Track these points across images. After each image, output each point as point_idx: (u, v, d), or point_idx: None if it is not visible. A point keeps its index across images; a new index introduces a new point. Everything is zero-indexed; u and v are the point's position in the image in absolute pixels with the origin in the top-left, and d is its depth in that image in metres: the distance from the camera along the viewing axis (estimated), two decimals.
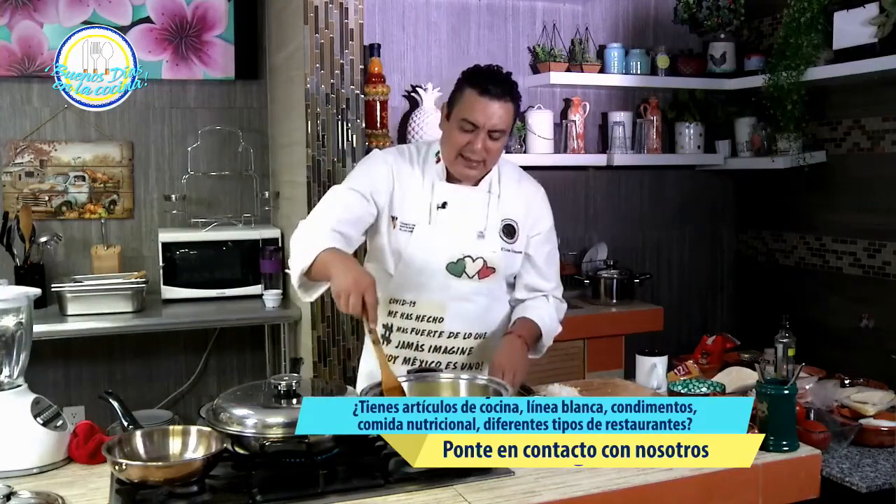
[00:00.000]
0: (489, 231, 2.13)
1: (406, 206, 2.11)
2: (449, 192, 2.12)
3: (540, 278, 2.23)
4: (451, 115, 2.08)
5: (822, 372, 2.70)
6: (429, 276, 2.10)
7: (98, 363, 3.75)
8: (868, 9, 3.24)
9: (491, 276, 2.14)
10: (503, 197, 2.16)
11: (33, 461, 1.70)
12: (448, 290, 2.11)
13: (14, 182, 3.61)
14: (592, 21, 4.09)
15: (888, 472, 2.08)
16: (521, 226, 2.17)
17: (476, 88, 2.01)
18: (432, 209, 2.11)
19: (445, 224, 2.10)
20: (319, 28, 3.10)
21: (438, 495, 1.58)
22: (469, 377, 1.96)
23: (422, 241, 2.09)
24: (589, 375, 3.51)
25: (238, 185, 3.89)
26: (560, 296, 2.30)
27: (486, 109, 2.00)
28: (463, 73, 2.10)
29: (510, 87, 2.04)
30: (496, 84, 2.02)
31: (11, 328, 1.76)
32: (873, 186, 3.58)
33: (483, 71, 2.08)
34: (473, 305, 2.15)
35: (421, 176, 2.13)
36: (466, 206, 2.13)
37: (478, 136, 2.02)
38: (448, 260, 2.10)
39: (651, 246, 4.32)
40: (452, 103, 2.08)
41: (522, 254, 2.19)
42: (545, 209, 2.24)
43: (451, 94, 2.10)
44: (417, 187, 2.12)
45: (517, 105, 2.08)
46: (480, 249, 2.11)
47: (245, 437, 1.62)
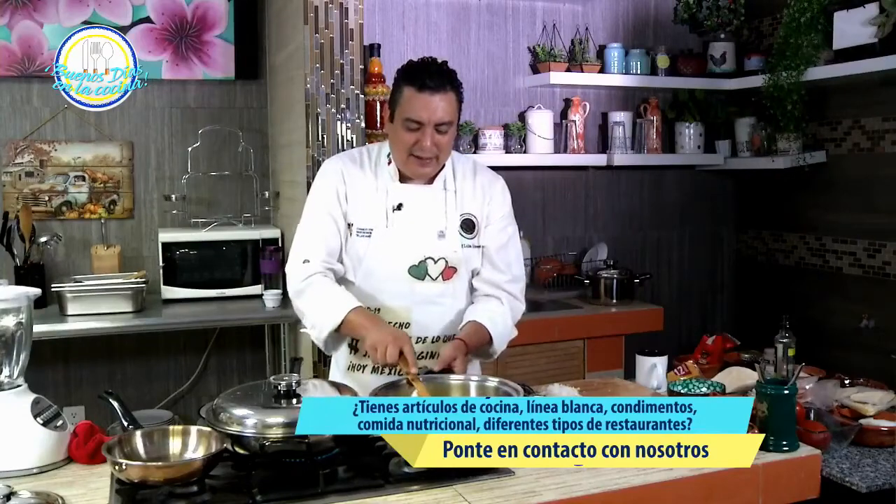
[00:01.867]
0: (449, 229, 2.09)
1: (360, 211, 2.08)
2: (403, 192, 2.09)
3: (493, 269, 2.15)
4: (394, 116, 2.04)
5: (822, 372, 2.70)
6: (391, 281, 2.06)
7: (98, 363, 3.75)
8: (868, 9, 3.25)
9: (454, 276, 2.10)
10: (459, 192, 2.13)
11: (33, 461, 1.70)
12: (412, 294, 2.07)
13: (14, 182, 3.61)
14: (592, 21, 4.09)
15: (888, 472, 2.08)
16: (479, 219, 2.14)
17: (413, 85, 1.97)
18: (388, 212, 2.07)
19: (403, 226, 2.07)
20: (319, 28, 3.10)
21: (438, 495, 1.57)
22: (479, 379, 1.94)
23: (380, 246, 2.06)
24: (589, 375, 3.51)
25: (238, 185, 3.89)
26: (517, 292, 2.19)
27: (428, 105, 1.96)
28: (398, 70, 2.06)
29: (448, 77, 2.00)
30: (432, 77, 1.97)
31: (11, 328, 1.76)
32: (873, 186, 3.58)
33: (417, 66, 2.02)
34: (439, 308, 2.10)
35: (374, 178, 2.10)
36: (423, 205, 2.09)
37: (425, 133, 1.98)
38: (409, 263, 2.06)
39: (651, 246, 4.32)
40: (393, 104, 2.04)
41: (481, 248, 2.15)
42: (501, 198, 2.18)
43: (391, 94, 2.07)
44: (371, 191, 2.09)
45: (459, 94, 2.03)
46: (442, 249, 2.08)
47: (245, 437, 1.62)
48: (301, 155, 3.18)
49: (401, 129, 2.01)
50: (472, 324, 2.07)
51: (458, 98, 2.03)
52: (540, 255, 4.05)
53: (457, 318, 2.12)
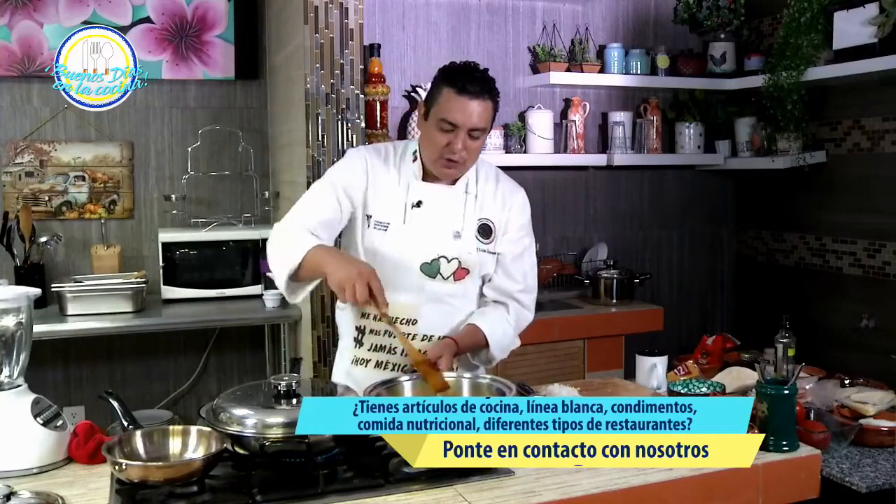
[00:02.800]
0: (466, 231, 2.09)
1: (380, 205, 2.07)
2: (424, 190, 2.09)
3: (506, 278, 2.16)
4: (428, 115, 2.03)
5: (822, 372, 2.70)
6: (402, 276, 2.05)
7: (98, 363, 3.75)
8: (868, 9, 3.24)
9: (466, 278, 2.10)
10: (480, 196, 2.12)
11: (33, 461, 1.70)
12: (422, 291, 2.07)
13: (14, 182, 3.61)
14: (592, 21, 4.09)
15: (888, 472, 2.08)
16: (497, 226, 2.13)
17: (453, 87, 1.96)
18: (407, 208, 2.07)
19: (420, 223, 2.07)
20: (319, 28, 3.10)
21: (438, 495, 1.57)
22: (472, 375, 1.95)
23: (395, 241, 2.05)
24: (589, 375, 3.51)
25: (238, 185, 3.89)
26: (529, 302, 2.21)
27: (465, 108, 1.95)
28: (440, 70, 2.04)
29: (488, 85, 1.99)
30: (473, 82, 1.96)
31: (11, 328, 1.76)
32: (873, 186, 3.58)
33: (460, 68, 2.01)
34: (448, 307, 2.10)
35: (397, 174, 2.10)
36: (442, 205, 2.09)
37: (458, 136, 1.97)
38: (422, 260, 2.06)
39: (651, 246, 4.32)
40: (430, 102, 2.03)
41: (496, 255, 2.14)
42: (521, 209, 2.19)
43: (429, 92, 2.06)
44: (393, 185, 2.09)
45: (496, 102, 2.02)
46: (456, 250, 2.07)
47: (245, 437, 1.62)
48: (301, 155, 3.18)
49: (434, 129, 1.99)
50: (469, 326, 2.08)
51: (494, 107, 2.02)
52: (540, 255, 4.03)
53: (464, 320, 2.12)
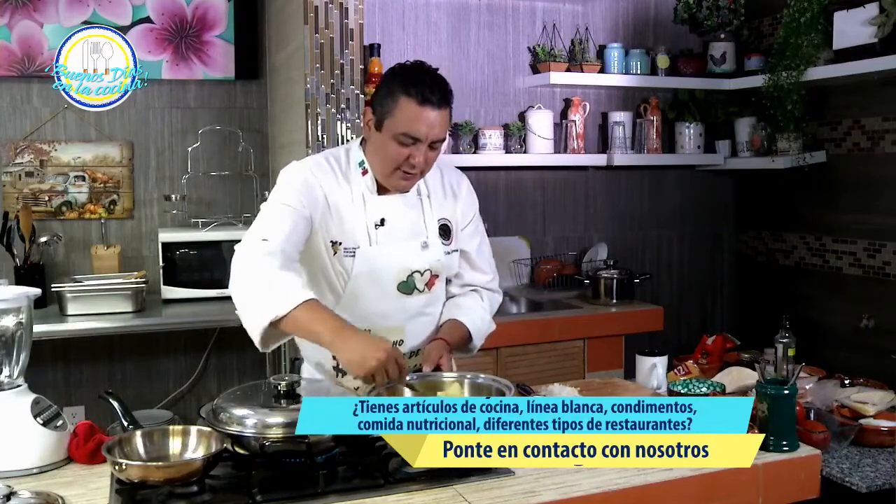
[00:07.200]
0: (431, 238, 2.02)
1: (342, 228, 1.93)
2: (384, 206, 1.96)
3: (473, 271, 2.13)
4: (382, 126, 1.86)
5: (822, 372, 2.70)
6: (381, 300, 1.96)
7: (98, 363, 3.75)
8: (868, 9, 3.25)
9: (436, 283, 2.04)
10: (433, 195, 2.04)
11: (33, 461, 1.70)
12: (403, 310, 2.00)
13: (14, 182, 3.61)
14: (592, 21, 4.09)
15: (888, 472, 2.08)
16: (453, 223, 2.07)
17: (414, 98, 1.80)
18: (370, 228, 1.94)
19: (388, 243, 1.96)
20: (319, 28, 3.10)
21: (438, 495, 1.57)
22: (471, 376, 1.94)
23: (367, 265, 1.94)
24: (589, 375, 3.51)
25: (238, 185, 3.88)
26: (496, 286, 2.18)
27: (428, 120, 1.81)
28: (392, 74, 1.87)
29: (446, 90, 1.86)
30: (433, 90, 1.81)
31: (11, 328, 1.76)
32: (873, 186, 3.58)
33: (416, 74, 1.85)
34: (428, 318, 2.06)
35: (349, 190, 1.95)
36: (404, 218, 1.99)
37: (419, 149, 1.84)
38: (398, 280, 1.97)
39: (651, 246, 4.32)
40: (384, 113, 1.84)
41: (458, 251, 2.10)
42: (470, 197, 2.11)
43: (380, 98, 1.86)
44: (347, 203, 1.94)
45: (451, 107, 1.89)
46: (426, 260, 2.00)
47: (245, 437, 1.62)
48: (301, 155, 3.18)
49: (391, 142, 1.84)
50: (451, 322, 2.07)
51: (451, 112, 1.90)
52: (540, 255, 4.05)
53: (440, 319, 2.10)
